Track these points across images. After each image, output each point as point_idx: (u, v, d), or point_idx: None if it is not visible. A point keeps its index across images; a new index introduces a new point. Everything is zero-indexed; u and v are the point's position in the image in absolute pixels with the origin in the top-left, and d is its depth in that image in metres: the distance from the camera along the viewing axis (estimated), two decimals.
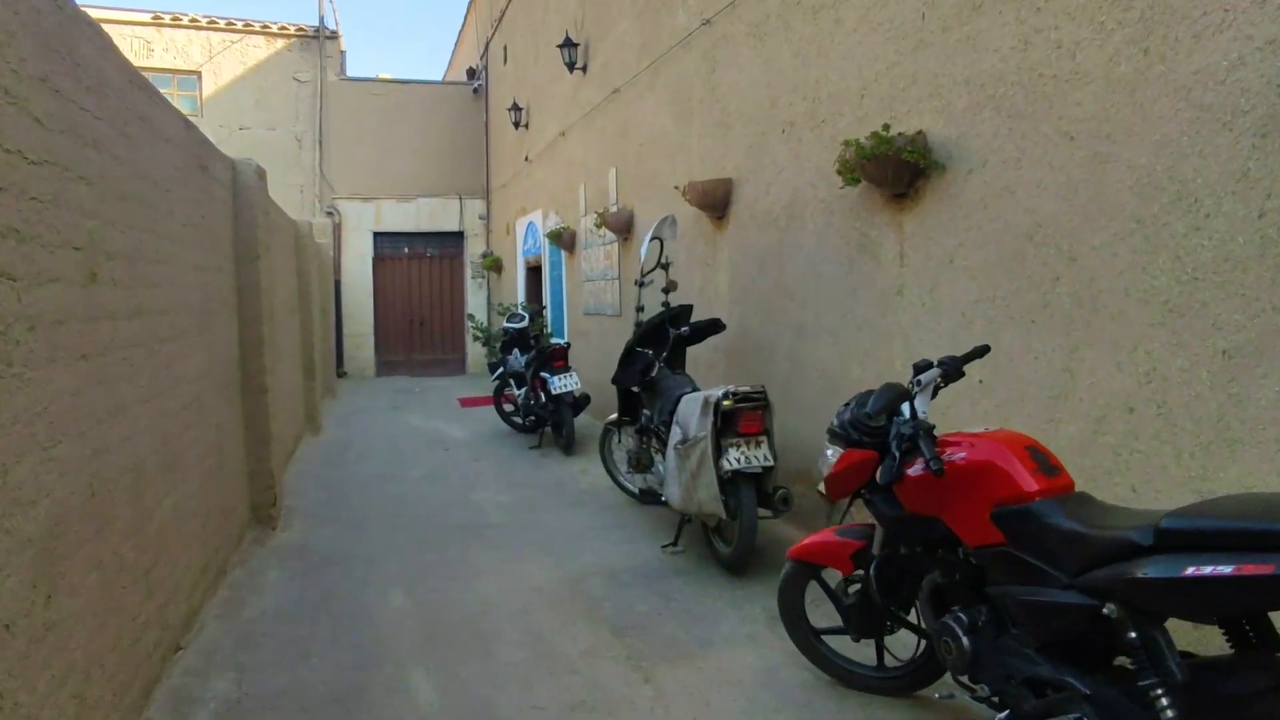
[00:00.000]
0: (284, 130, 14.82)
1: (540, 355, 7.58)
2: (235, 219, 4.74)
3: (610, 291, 8.24)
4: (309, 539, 5.08)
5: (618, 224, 7.54)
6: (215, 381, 4.10)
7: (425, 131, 15.29)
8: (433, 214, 15.40)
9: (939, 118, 3.59)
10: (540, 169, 11.10)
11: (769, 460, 4.16)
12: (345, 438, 8.69)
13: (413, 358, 15.56)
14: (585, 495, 6.19)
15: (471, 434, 8.93)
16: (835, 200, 4.40)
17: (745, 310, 5.49)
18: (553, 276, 10.68)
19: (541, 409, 7.68)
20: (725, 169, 5.67)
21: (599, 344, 8.71)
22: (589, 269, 8.95)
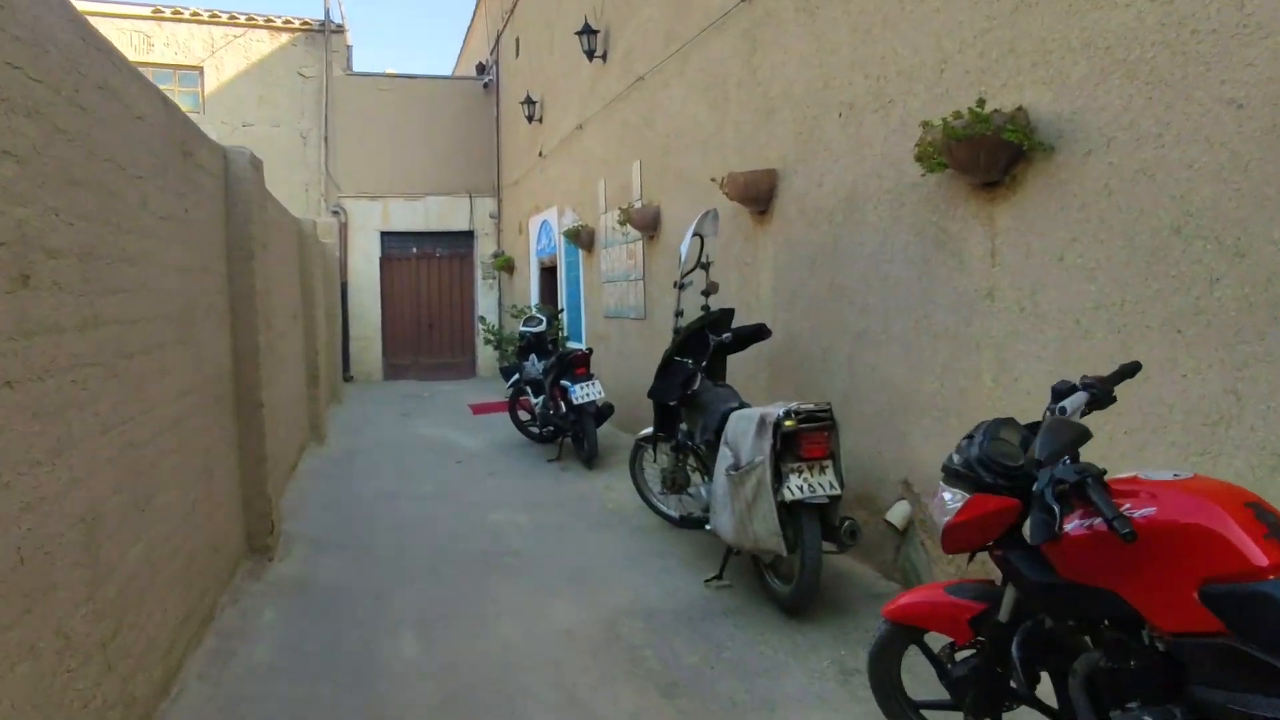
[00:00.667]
0: (288, 127, 14.35)
1: (560, 362, 7.06)
2: (227, 214, 4.23)
3: (634, 293, 7.72)
4: (310, 571, 4.57)
5: (643, 221, 7.01)
6: (202, 399, 3.59)
7: (434, 128, 14.80)
8: (442, 213, 14.91)
9: (1045, 90, 3.05)
10: (555, 165, 10.59)
11: (835, 488, 3.62)
12: (351, 448, 8.18)
13: (421, 361, 15.07)
14: (612, 516, 5.66)
15: (485, 444, 8.42)
16: (906, 191, 3.86)
17: (792, 315, 4.96)
18: (569, 277, 10.16)
19: (561, 419, 7.15)
20: (768, 159, 5.14)
21: (621, 349, 8.18)
22: (609, 269, 8.43)
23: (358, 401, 11.83)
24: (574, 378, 6.91)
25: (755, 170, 5.08)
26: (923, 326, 3.79)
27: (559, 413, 7.17)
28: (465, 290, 15.27)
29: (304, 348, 7.89)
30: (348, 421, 9.97)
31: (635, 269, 7.62)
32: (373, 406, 11.37)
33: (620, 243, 7.97)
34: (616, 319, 8.30)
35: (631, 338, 7.88)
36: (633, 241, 7.63)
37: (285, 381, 6.46)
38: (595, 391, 6.82)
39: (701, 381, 4.49)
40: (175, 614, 3.01)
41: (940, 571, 3.70)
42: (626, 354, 7.99)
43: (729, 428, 3.96)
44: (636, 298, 7.64)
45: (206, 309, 3.75)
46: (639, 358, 7.68)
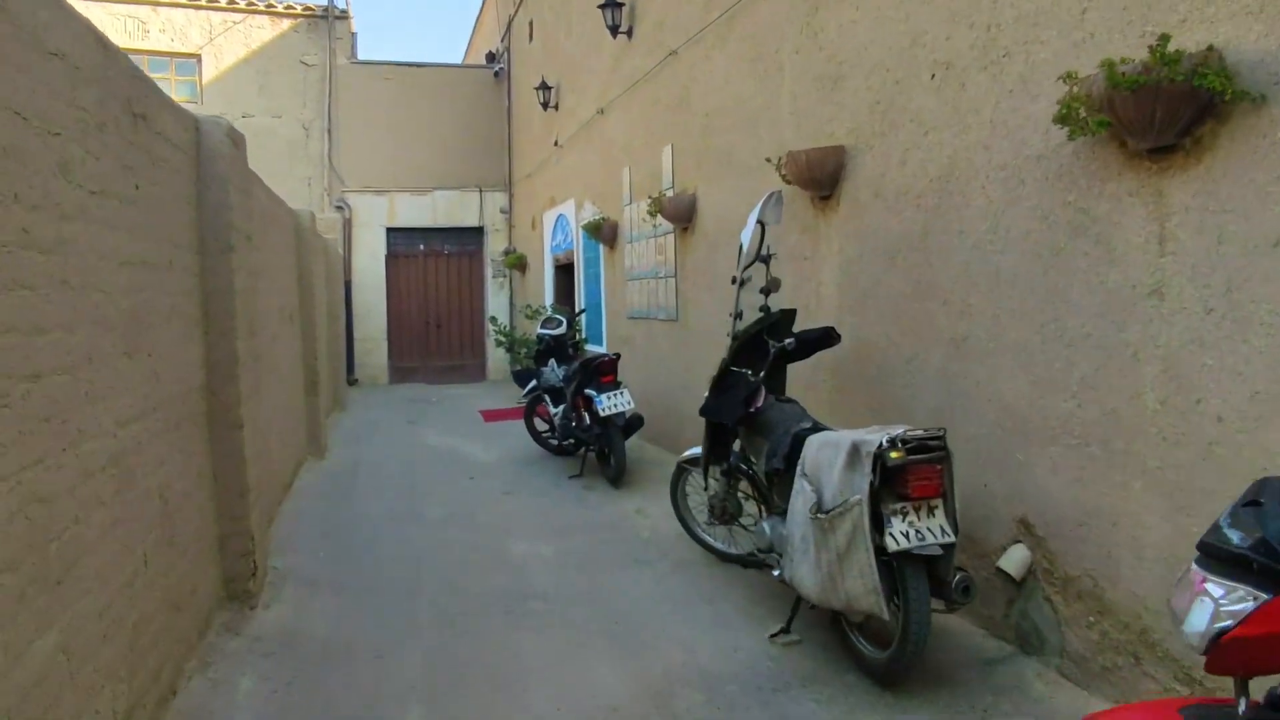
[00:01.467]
0: (290, 118, 13.69)
1: (584, 369, 6.35)
2: (199, 197, 3.53)
3: (664, 292, 7.00)
4: (301, 620, 3.86)
5: (677, 210, 6.29)
6: (160, 424, 2.88)
7: (442, 119, 14.11)
8: (450, 208, 14.22)
9: (1250, 24, 2.32)
10: (573, 154, 9.88)
11: (949, 535, 2.90)
12: (353, 462, 7.49)
13: (429, 363, 14.39)
14: (649, 547, 4.95)
15: (498, 456, 7.72)
16: (1027, 165, 3.13)
17: (863, 318, 4.23)
18: (588, 275, 9.45)
19: (584, 432, 6.44)
20: (834, 135, 4.41)
21: (648, 353, 7.46)
22: (635, 265, 7.71)
23: (362, 407, 11.15)
24: (600, 386, 6.20)
25: (820, 148, 4.36)
26: (1050, 332, 3.07)
27: (582, 425, 6.46)
28: (475, 289, 14.59)
29: (301, 352, 7.20)
30: (351, 430, 9.29)
31: (666, 265, 6.90)
32: (378, 413, 10.69)
33: (648, 236, 7.26)
34: (643, 320, 7.58)
35: (661, 341, 7.17)
36: (663, 234, 6.91)
37: (278, 391, 5.77)
38: (624, 402, 6.10)
39: (766, 397, 3.76)
40: (116, 707, 2.31)
41: (1077, 637, 2.98)
42: (655, 358, 7.28)
43: (807, 455, 3.24)
44: (667, 297, 6.92)
45: (169, 312, 3.05)
46: (669, 363, 6.97)
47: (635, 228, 7.62)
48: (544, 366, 7.20)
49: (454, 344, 14.56)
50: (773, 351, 3.97)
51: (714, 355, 6.06)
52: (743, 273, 3.95)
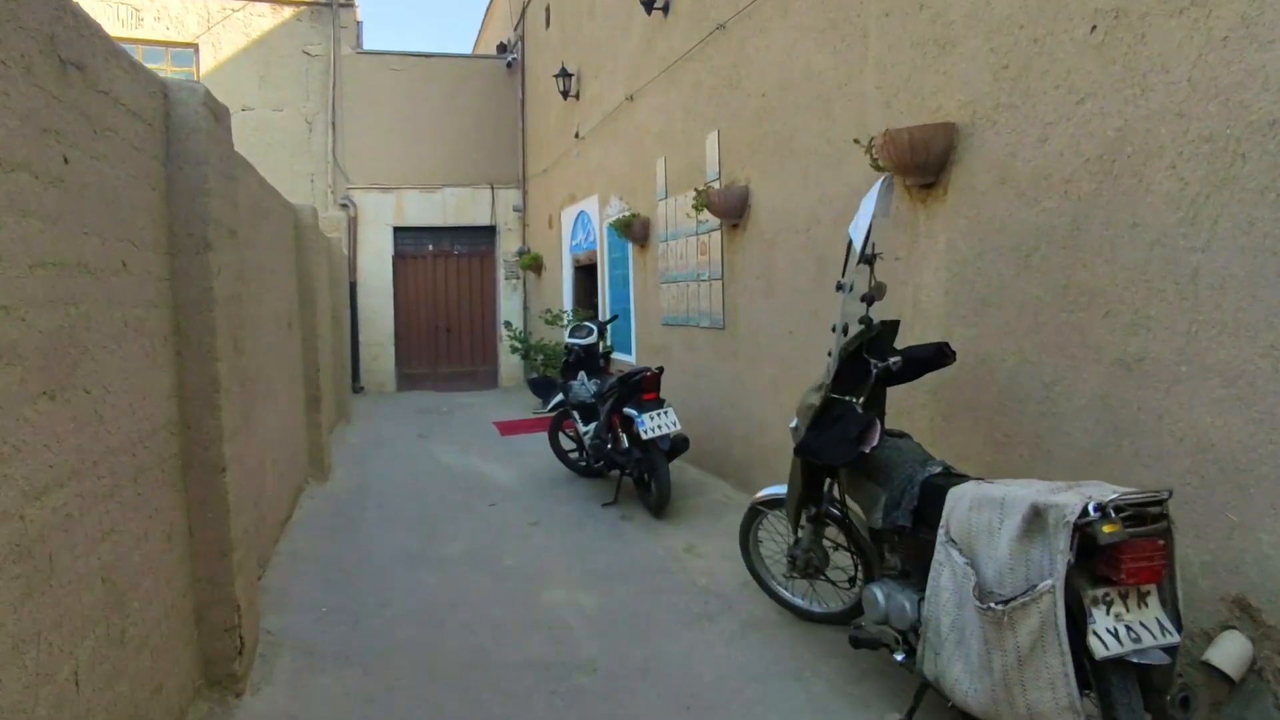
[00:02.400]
0: (292, 111, 12.98)
1: (622, 385, 5.59)
2: (169, 183, 2.79)
3: (708, 296, 6.25)
4: (298, 708, 3.12)
5: (726, 204, 5.54)
6: (107, 481, 2.15)
7: (452, 112, 13.39)
8: (461, 206, 13.49)
9: None
10: (596, 146, 9.13)
11: (1171, 634, 2.14)
12: (360, 486, 6.75)
13: (438, 370, 13.67)
14: (709, 598, 4.20)
15: (520, 477, 6.98)
16: (1252, 135, 2.38)
17: (983, 330, 3.48)
18: (614, 277, 8.70)
19: (623, 456, 5.69)
20: (942, 109, 3.66)
21: (687, 364, 6.72)
22: (671, 267, 6.97)
23: (368, 419, 10.42)
24: (641, 404, 5.44)
25: (926, 125, 3.60)
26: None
27: (619, 448, 5.71)
28: (486, 292, 13.85)
29: (303, 363, 6.47)
30: (357, 446, 8.55)
31: (710, 266, 6.15)
32: (385, 425, 9.95)
33: (689, 234, 6.51)
34: (681, 327, 6.84)
35: (704, 351, 6.41)
36: (707, 232, 6.16)
37: (275, 411, 5.04)
38: (670, 423, 5.35)
39: (881, 433, 3.00)
40: None
41: None
42: (696, 370, 6.53)
43: (953, 515, 2.49)
44: (712, 301, 6.17)
45: (120, 330, 2.30)
46: (714, 375, 6.22)
47: (672, 224, 6.88)
48: (572, 379, 6.45)
49: (465, 349, 13.83)
50: (875, 372, 3.21)
51: (769, 369, 5.33)
52: (848, 278, 3.18)
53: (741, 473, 5.88)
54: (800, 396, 3.31)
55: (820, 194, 4.67)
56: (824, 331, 4.58)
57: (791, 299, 5.04)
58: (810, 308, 4.81)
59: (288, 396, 5.62)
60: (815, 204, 4.73)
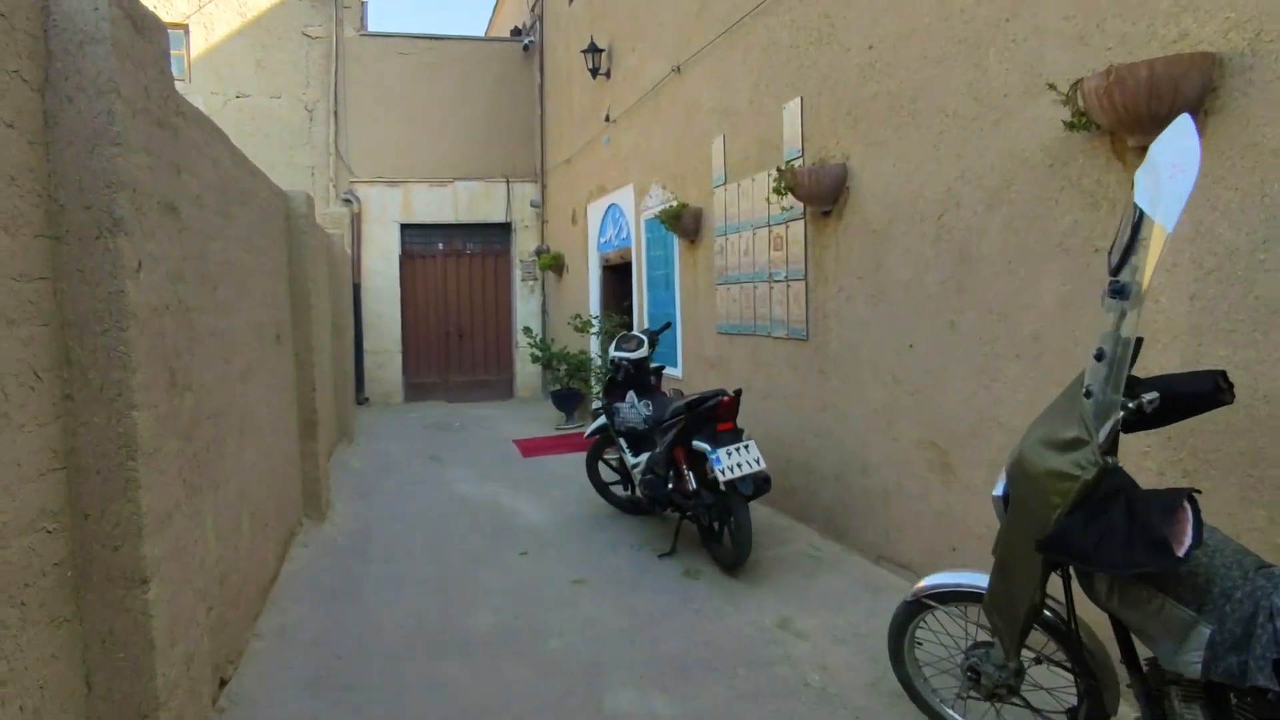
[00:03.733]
0: (291, 98, 11.93)
1: (691, 411, 4.48)
2: (49, 121, 1.72)
3: (784, 300, 5.16)
4: None
5: (819, 187, 4.45)
6: None
7: (464, 99, 12.33)
8: (474, 201, 12.43)
9: None
10: (632, 129, 8.05)
11: None
12: (363, 527, 5.67)
13: (449, 379, 12.60)
14: (832, 707, 3.10)
15: (552, 513, 5.90)
16: None
17: (1266, 351, 2.39)
18: (653, 277, 7.62)
19: (691, 499, 4.59)
20: (1188, 36, 2.57)
21: (753, 382, 5.62)
22: (731, 265, 5.88)
23: (374, 437, 9.34)
24: (714, 437, 4.35)
25: (1174, 57, 2.51)
26: None
27: (685, 489, 4.61)
28: (501, 294, 12.78)
29: (295, 383, 5.39)
30: (360, 473, 7.47)
31: (790, 263, 5.06)
32: (392, 444, 8.87)
33: (757, 225, 5.43)
34: (744, 337, 5.75)
35: (777, 367, 5.32)
36: (784, 222, 5.08)
37: (256, 450, 3.96)
38: (752, 460, 4.25)
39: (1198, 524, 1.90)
40: None
41: None
42: (766, 390, 5.44)
43: None
44: (790, 307, 5.08)
45: None
46: (793, 399, 5.13)
47: (733, 215, 5.79)
48: (619, 400, 5.36)
49: (478, 357, 12.77)
50: (1120, 414, 2.10)
51: (876, 392, 4.10)
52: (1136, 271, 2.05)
53: (832, 519, 4.79)
54: (1022, 449, 2.20)
55: (961, 169, 3.58)
56: (966, 347, 3.49)
57: (912, 305, 3.95)
58: (945, 315, 3.72)
59: (275, 426, 4.55)
60: (953, 181, 3.64)
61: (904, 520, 4.11)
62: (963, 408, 3.62)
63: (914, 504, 4.02)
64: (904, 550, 4.12)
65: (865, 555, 4.49)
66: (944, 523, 3.80)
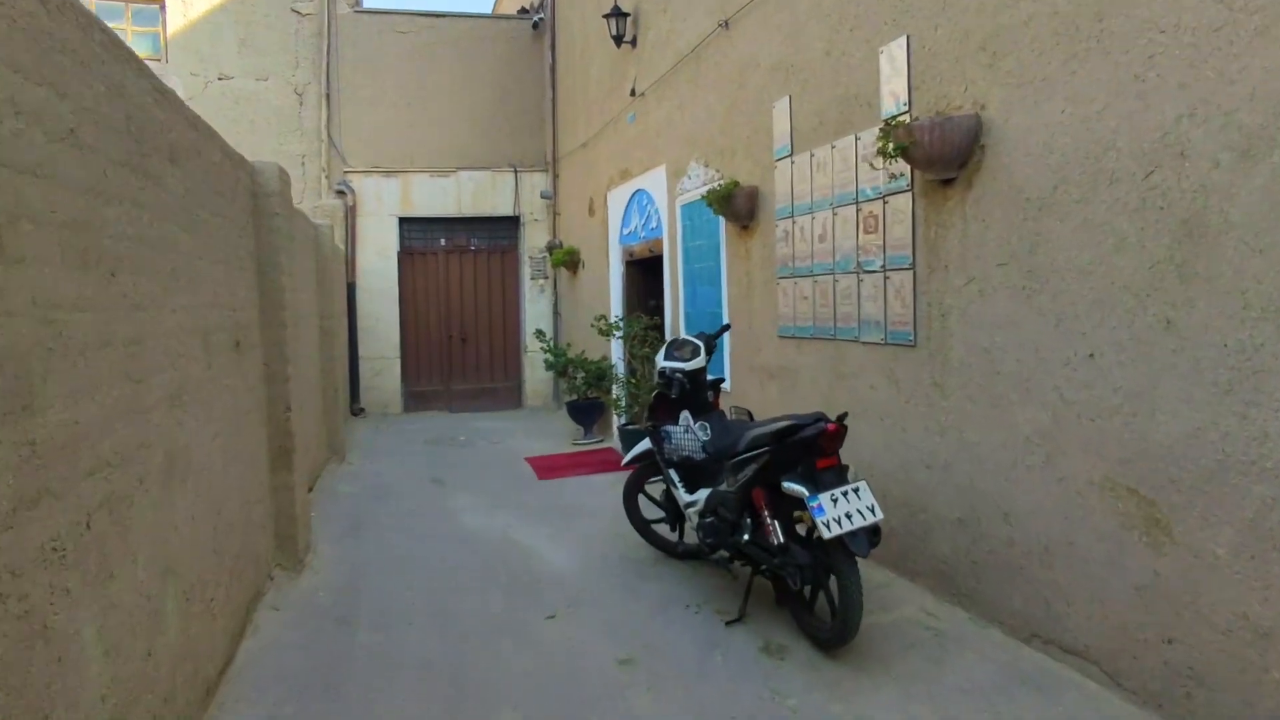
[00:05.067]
0: (279, 81, 10.90)
1: (781, 442, 3.39)
2: None
3: (878, 295, 4.09)
4: None
5: (946, 145, 3.38)
6: None
7: (469, 82, 11.28)
8: (479, 193, 11.38)
9: None
10: (666, 101, 7.00)
11: None
12: (350, 580, 4.59)
13: (452, 387, 11.54)
14: None
15: (580, 556, 4.84)
16: None
17: None
18: (691, 271, 6.56)
19: (777, 556, 3.48)
20: None
21: (830, 396, 4.55)
22: (800, 253, 4.82)
23: (369, 453, 8.27)
24: (813, 477, 3.26)
25: None
26: None
27: (766, 540, 3.52)
28: (509, 294, 11.73)
29: (264, 400, 4.33)
30: (350, 502, 6.39)
31: (889, 249, 4.00)
32: (389, 464, 7.80)
33: (839, 204, 4.36)
34: (820, 341, 4.68)
35: (870, 379, 4.25)
36: (880, 197, 4.01)
37: (195, 499, 2.89)
38: (865, 509, 3.17)
39: None
40: None
41: None
42: (856, 409, 4.34)
43: None
44: (890, 303, 4.02)
45: None
46: (892, 419, 4.06)
47: (803, 192, 4.73)
48: (668, 421, 4.29)
49: (483, 363, 11.71)
50: None
51: (1030, 415, 2.69)
52: None
53: (951, 576, 3.72)
54: None
55: (1190, 105, 2.52)
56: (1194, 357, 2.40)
57: (1093, 298, 2.89)
58: (1155, 312, 2.66)
59: (231, 460, 3.48)
60: (1175, 124, 2.58)
61: (1075, 590, 3.04)
62: (1189, 443, 2.56)
63: (1094, 569, 2.95)
64: (1076, 630, 3.05)
65: (1009, 631, 3.41)
66: (1150, 601, 2.74)
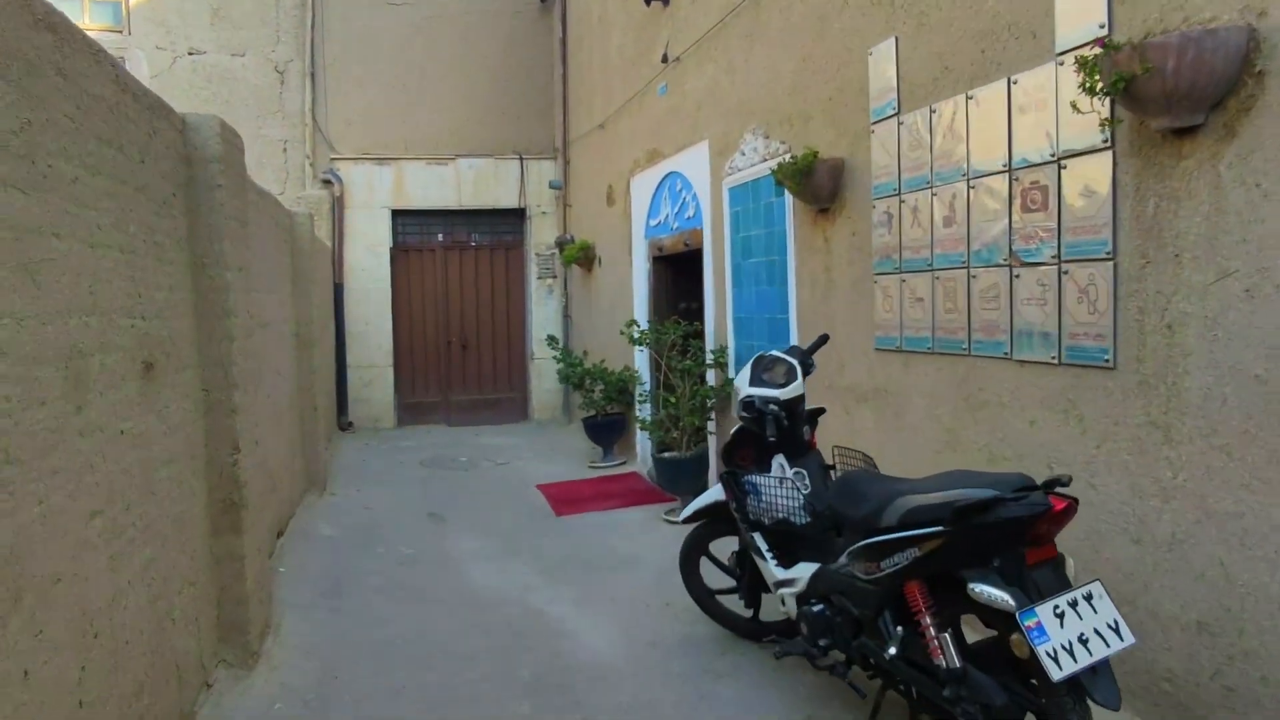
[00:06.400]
0: (258, 57, 9.76)
1: (966, 522, 2.24)
2: None
3: (1045, 295, 2.95)
4: None
5: (1196, 73, 2.22)
6: None
7: (469, 61, 10.16)
8: (480, 183, 10.25)
9: None
10: (709, 65, 5.87)
11: None
12: (319, 680, 3.41)
13: (450, 398, 10.40)
14: None
15: (621, 632, 3.71)
16: None
17: None
18: (742, 267, 5.43)
19: (950, 683, 2.34)
20: None
21: (956, 431, 3.42)
22: (913, 239, 3.69)
23: (355, 479, 7.11)
24: (1020, 577, 2.12)
25: None
26: None
27: (930, 664, 2.38)
28: (514, 295, 10.60)
29: (201, 442, 3.17)
30: (332, 545, 5.23)
31: (1067, 231, 2.86)
32: (379, 493, 6.65)
33: (981, 172, 3.23)
34: (940, 357, 3.54)
35: (1026, 410, 3.10)
36: (1052, 161, 2.88)
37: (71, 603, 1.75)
38: (1107, 625, 2.05)
39: None
40: None
41: None
42: (1000, 451, 3.21)
43: None
44: (1066, 307, 2.88)
45: None
46: (1070, 472, 2.92)
47: (917, 161, 3.61)
48: (755, 472, 3.15)
49: (485, 371, 10.57)
50: None
51: None
52: None
53: (1186, 706, 2.58)
54: None
55: None
56: None
57: None
58: None
59: (124, 545, 2.34)
60: None
61: None
62: None
63: None
64: None
65: None
66: None
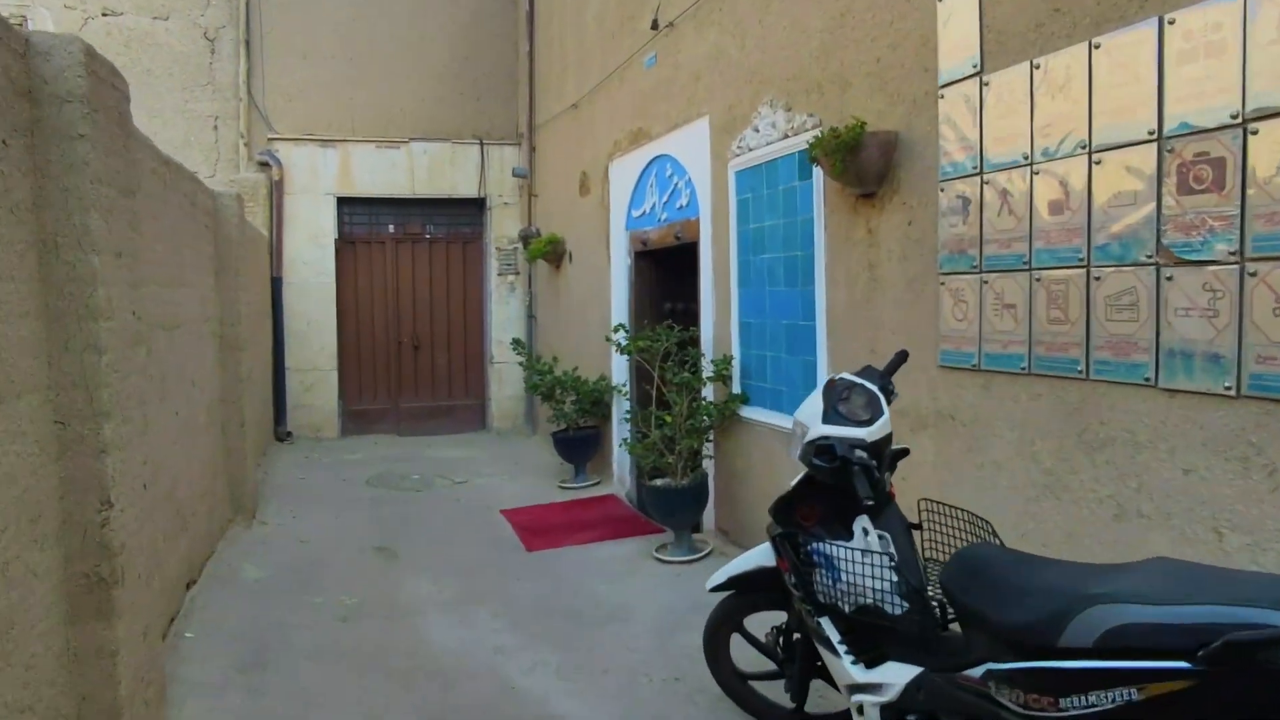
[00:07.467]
0: (184, 21, 8.68)
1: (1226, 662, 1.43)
2: None
3: (1216, 304, 2.22)
4: None
5: None
6: None
7: (426, 34, 9.21)
8: (435, 168, 9.30)
9: None
10: (710, 29, 5.07)
11: None
12: None
13: (401, 405, 9.44)
14: None
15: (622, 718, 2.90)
16: None
17: None
18: (751, 264, 4.66)
19: None
20: None
21: (1061, 478, 2.69)
22: (996, 232, 2.94)
23: (292, 503, 6.14)
24: None
25: None
26: None
27: None
28: (471, 292, 9.69)
29: (54, 495, 2.26)
30: (258, 593, 4.28)
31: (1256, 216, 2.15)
32: (319, 521, 5.69)
33: (1107, 145, 2.49)
34: (1032, 379, 2.80)
35: (1177, 456, 2.36)
36: (1240, 123, 2.16)
37: None
38: None
39: None
40: None
41: None
42: (1132, 508, 2.48)
43: None
44: (1249, 321, 2.17)
45: None
46: (1250, 542, 2.19)
47: (1010, 130, 2.87)
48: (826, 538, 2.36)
49: (439, 376, 9.63)
50: None
51: None
52: None
53: None
54: None
55: None
56: None
57: None
58: None
59: None
60: None
61: None
62: None
63: None
64: None
65: None
66: None
